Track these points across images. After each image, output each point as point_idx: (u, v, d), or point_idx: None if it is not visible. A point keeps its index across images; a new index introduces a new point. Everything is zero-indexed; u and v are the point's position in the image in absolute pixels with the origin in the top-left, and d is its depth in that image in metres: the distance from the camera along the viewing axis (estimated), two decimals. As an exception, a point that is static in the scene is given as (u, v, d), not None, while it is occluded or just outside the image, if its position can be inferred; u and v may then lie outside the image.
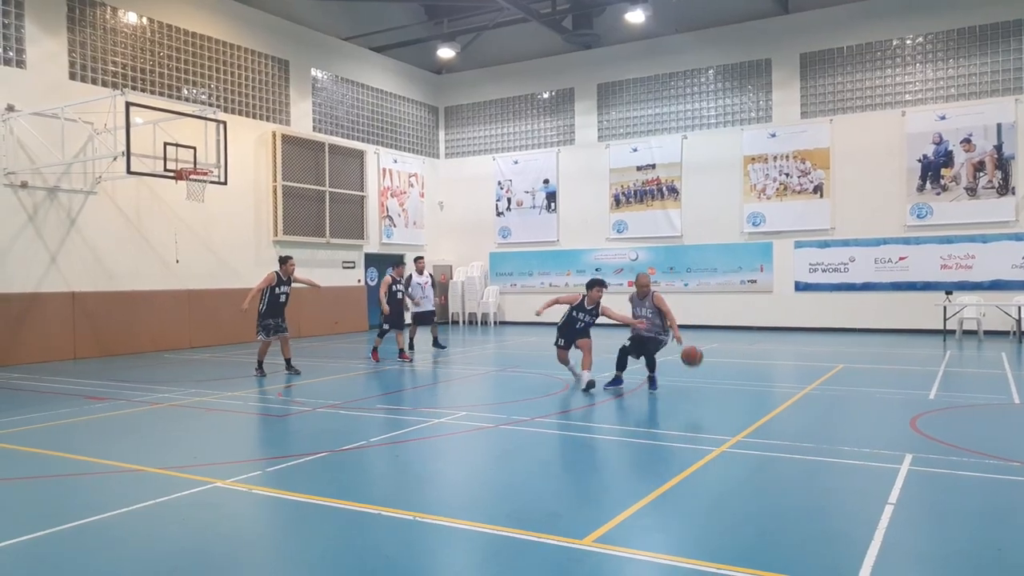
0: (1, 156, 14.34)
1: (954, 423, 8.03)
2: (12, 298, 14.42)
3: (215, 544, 4.64)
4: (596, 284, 10.60)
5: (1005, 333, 17.88)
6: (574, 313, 10.59)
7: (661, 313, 10.35)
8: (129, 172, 14.11)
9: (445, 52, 23.23)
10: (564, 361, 10.77)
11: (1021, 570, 4.06)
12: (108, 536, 4.74)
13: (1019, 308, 17.11)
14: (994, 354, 14.48)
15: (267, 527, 5.06)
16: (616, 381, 10.27)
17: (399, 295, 14.39)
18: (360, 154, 22.48)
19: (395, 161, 24.22)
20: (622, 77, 23.25)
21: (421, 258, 16.70)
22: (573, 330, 10.61)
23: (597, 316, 10.65)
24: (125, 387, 11.12)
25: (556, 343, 10.78)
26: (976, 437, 7.28)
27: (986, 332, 17.95)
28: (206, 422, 8.64)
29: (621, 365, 10.45)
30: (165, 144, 14.76)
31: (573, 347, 10.70)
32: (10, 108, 14.45)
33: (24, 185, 14.67)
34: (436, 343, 16.20)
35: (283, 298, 12.28)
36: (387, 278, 14.35)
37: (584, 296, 10.62)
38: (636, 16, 20.18)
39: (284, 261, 12.40)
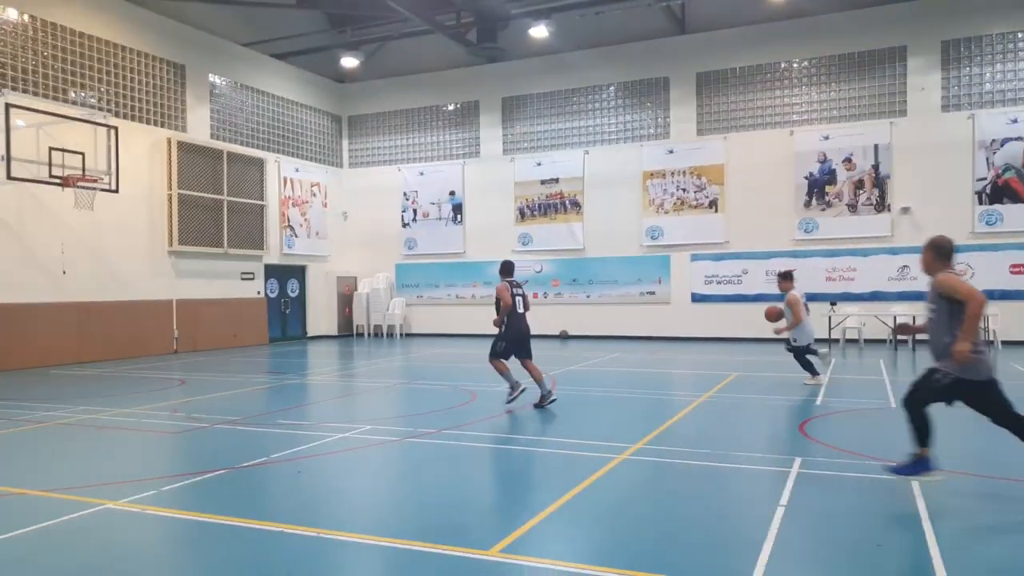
0: None
1: (838, 427, 8.53)
2: None
3: (106, 569, 4.42)
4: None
5: (883, 341, 19.09)
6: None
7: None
8: (9, 178, 13.31)
9: (348, 61, 23.01)
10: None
11: (898, 562, 4.37)
12: (-14, 566, 4.46)
13: (894, 318, 18.30)
14: (874, 361, 15.43)
15: (163, 549, 4.87)
16: None
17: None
18: (261, 162, 21.92)
19: (297, 170, 23.74)
20: (526, 92, 23.60)
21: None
22: None
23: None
24: (6, 405, 10.44)
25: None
26: (859, 440, 7.75)
27: (866, 340, 19.12)
28: (96, 440, 8.22)
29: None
30: (51, 149, 14.02)
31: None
32: None
33: None
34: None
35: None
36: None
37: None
38: (540, 31, 20.57)
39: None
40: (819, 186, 20.34)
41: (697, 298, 21.55)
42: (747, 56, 21.05)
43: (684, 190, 21.71)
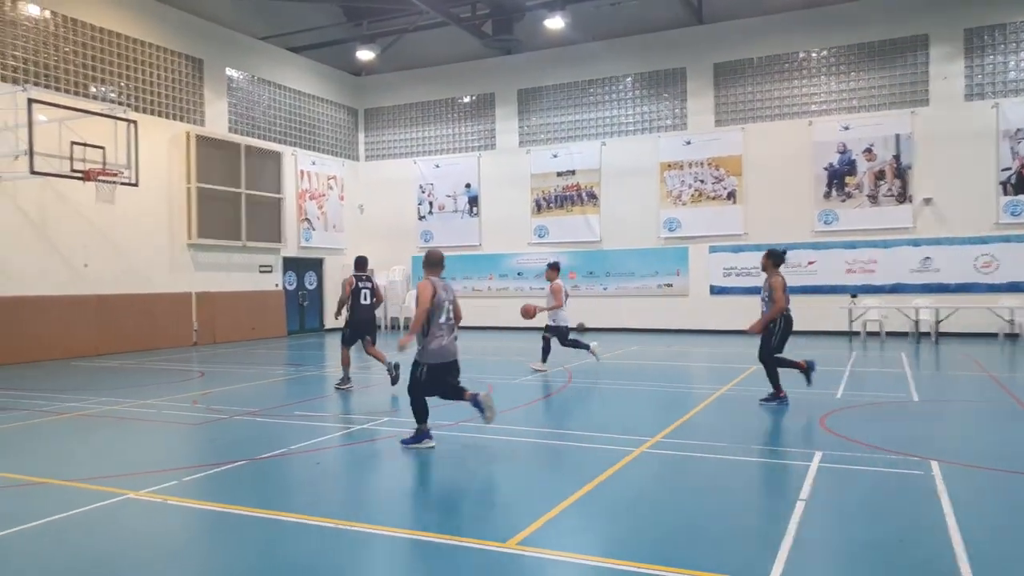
0: None
1: (859, 420, 8.44)
2: (-101, 305, 13.52)
3: (126, 558, 4.47)
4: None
5: (905, 334, 18.87)
6: None
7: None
8: (33, 172, 13.44)
9: (364, 54, 23.00)
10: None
11: (919, 558, 4.31)
12: (8, 555, 4.51)
13: (917, 311, 18.10)
14: (895, 354, 15.27)
15: (183, 538, 4.91)
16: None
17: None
18: (277, 156, 22.01)
19: (313, 163, 23.81)
20: (542, 83, 23.51)
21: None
22: None
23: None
24: (28, 396, 10.57)
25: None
26: (879, 433, 7.67)
27: (888, 333, 18.92)
28: (117, 431, 8.30)
29: None
30: (72, 143, 14.14)
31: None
32: None
33: (-87, 184, 13.78)
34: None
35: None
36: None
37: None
38: (555, 23, 20.45)
39: None
40: (839, 177, 20.13)
41: (716, 290, 21.42)
42: (765, 46, 20.84)
43: (702, 181, 21.56)
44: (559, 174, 23.27)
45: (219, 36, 20.51)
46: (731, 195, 21.26)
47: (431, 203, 25.12)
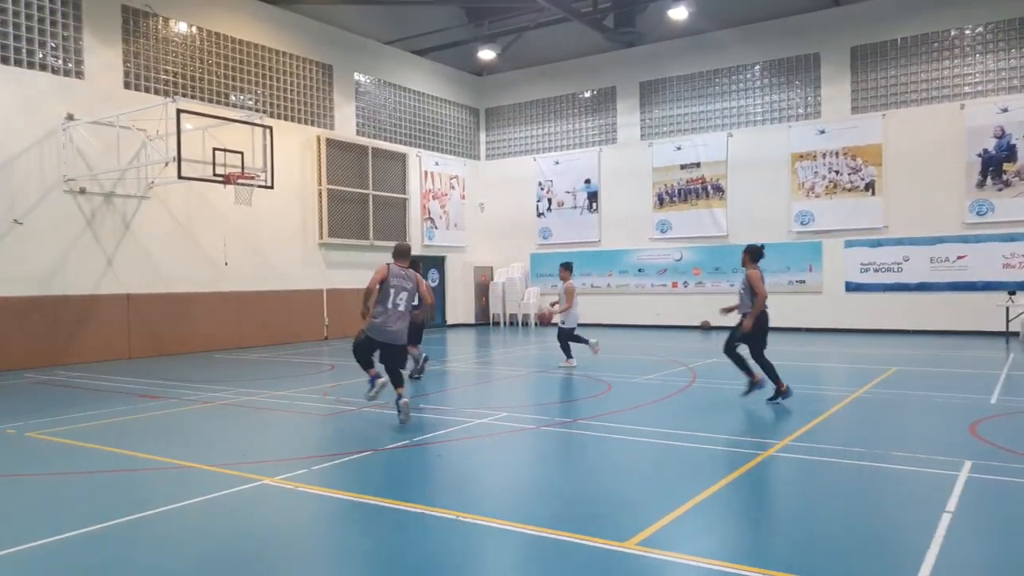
0: (61, 163, 14.81)
1: (1017, 429, 7.73)
2: (72, 300, 14.89)
3: (260, 540, 4.68)
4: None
5: (1069, 334, 17.19)
6: None
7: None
8: (180, 177, 14.42)
9: (486, 53, 23.27)
10: None
11: (1090, 582, 3.87)
12: (157, 531, 4.82)
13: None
14: (1057, 355, 13.93)
15: (311, 524, 5.09)
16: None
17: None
18: (403, 157, 22.65)
19: (436, 163, 24.34)
20: (665, 75, 23.01)
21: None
22: None
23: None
24: (177, 386, 11.36)
25: None
26: (1039, 442, 6.99)
27: (1049, 333, 17.28)
28: (254, 421, 8.76)
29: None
30: (214, 149, 15.04)
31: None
32: (70, 117, 14.90)
33: (83, 191, 15.13)
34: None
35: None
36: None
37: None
38: (679, 12, 19.95)
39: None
40: (995, 164, 18.55)
41: (852, 287, 20.28)
42: (910, 25, 19.49)
43: (837, 172, 20.46)
44: (683, 167, 22.71)
45: (347, 42, 21.33)
46: (869, 186, 20.04)
47: (550, 200, 25.13)
